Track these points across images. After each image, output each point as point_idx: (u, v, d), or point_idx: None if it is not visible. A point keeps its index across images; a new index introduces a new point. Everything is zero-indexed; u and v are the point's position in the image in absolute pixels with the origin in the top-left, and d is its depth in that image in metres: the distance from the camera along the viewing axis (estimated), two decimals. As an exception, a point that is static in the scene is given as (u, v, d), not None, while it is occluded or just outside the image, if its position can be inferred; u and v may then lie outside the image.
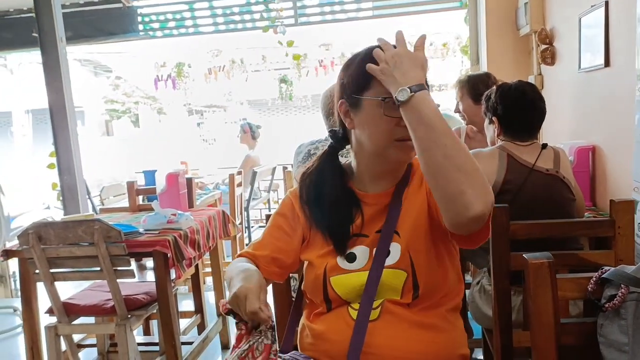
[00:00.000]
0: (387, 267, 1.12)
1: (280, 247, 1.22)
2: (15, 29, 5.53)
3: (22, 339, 3.31)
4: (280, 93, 7.25)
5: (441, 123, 1.00)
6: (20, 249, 2.18)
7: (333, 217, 1.19)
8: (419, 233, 1.14)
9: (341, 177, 1.23)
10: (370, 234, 1.16)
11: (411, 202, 1.17)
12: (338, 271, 1.15)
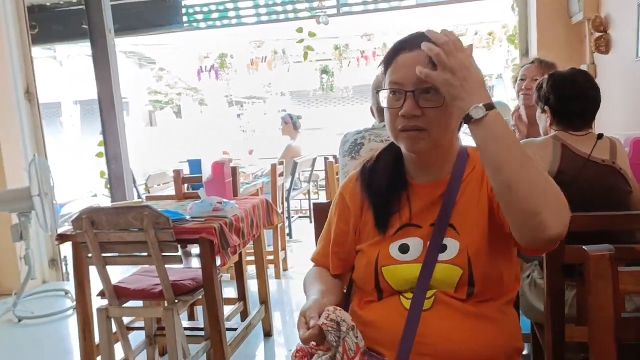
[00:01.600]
0: (443, 261, 1.10)
1: (339, 241, 1.26)
2: (65, 21, 5.70)
3: (73, 320, 3.44)
4: (321, 84, 7.25)
5: (515, 141, 0.98)
6: (74, 234, 2.25)
7: (380, 200, 1.19)
8: (478, 231, 1.11)
9: (397, 163, 1.21)
10: (424, 226, 1.14)
11: (470, 196, 1.14)
12: (390, 261, 1.14)
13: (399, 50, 1.11)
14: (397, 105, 1.08)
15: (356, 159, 1.87)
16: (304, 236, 5.77)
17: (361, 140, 1.91)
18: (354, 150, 1.91)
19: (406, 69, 1.07)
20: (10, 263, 3.92)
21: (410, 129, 1.07)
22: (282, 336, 3.03)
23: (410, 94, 1.06)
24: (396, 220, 1.17)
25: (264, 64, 6.83)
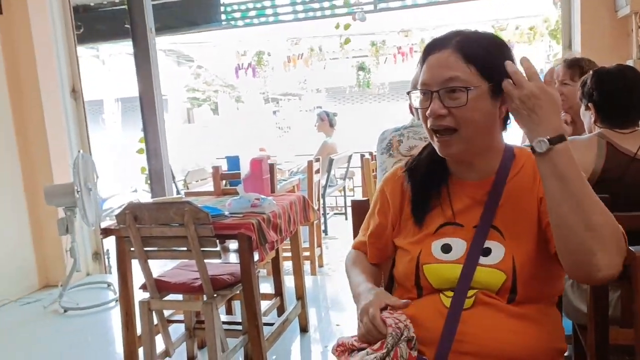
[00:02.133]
0: (487, 265, 1.08)
1: (376, 233, 1.28)
2: (108, 21, 5.85)
3: (115, 312, 3.56)
4: (357, 80, 7.23)
5: (578, 177, 0.96)
6: (118, 228, 2.33)
7: (419, 194, 1.20)
8: (525, 237, 1.09)
9: (441, 159, 1.19)
10: (467, 226, 1.13)
11: (518, 199, 1.12)
12: (431, 260, 1.13)
13: (430, 51, 1.11)
14: (424, 105, 1.09)
15: (394, 156, 1.87)
16: (339, 233, 5.78)
17: (399, 138, 1.90)
18: (391, 147, 1.90)
19: (433, 70, 1.08)
20: (57, 256, 4.07)
21: (438, 129, 1.08)
22: (318, 332, 3.05)
23: (436, 94, 1.06)
24: (437, 217, 1.16)
25: (300, 61, 6.86)
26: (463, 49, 1.06)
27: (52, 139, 4.01)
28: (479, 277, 1.08)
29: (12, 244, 3.91)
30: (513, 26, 6.65)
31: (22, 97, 3.95)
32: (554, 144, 0.95)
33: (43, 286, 4.10)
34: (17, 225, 3.96)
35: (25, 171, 3.99)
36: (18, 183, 3.96)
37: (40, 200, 3.78)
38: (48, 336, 3.28)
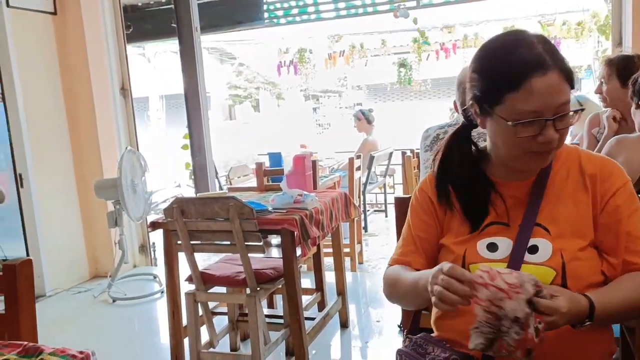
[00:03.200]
0: (535, 263, 1.08)
1: (424, 238, 1.23)
2: (155, 21, 6.01)
3: (161, 303, 3.68)
4: (399, 77, 7.19)
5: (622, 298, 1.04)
6: (165, 222, 2.40)
7: (468, 202, 1.17)
8: (573, 235, 1.09)
9: (472, 161, 1.19)
10: (512, 225, 1.13)
11: (563, 197, 1.12)
12: (478, 259, 1.12)
13: (530, 73, 1.00)
14: (532, 132, 1.02)
15: None
16: (379, 230, 5.78)
17: (443, 135, 1.89)
18: (435, 144, 1.90)
19: (545, 97, 1.00)
20: (106, 247, 4.22)
21: (544, 150, 1.05)
22: (358, 328, 3.07)
23: (551, 122, 1.02)
24: (483, 218, 1.16)
25: (341, 58, 6.88)
26: (563, 69, 1.02)
27: (102, 135, 4.17)
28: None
29: (65, 236, 4.08)
30: (560, 21, 6.48)
31: (74, 95, 4.11)
32: (591, 319, 0.99)
33: (93, 276, 4.26)
34: (70, 218, 4.13)
35: (77, 166, 4.16)
36: (70, 177, 4.13)
37: (90, 194, 3.94)
38: (98, 324, 3.42)
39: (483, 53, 1.10)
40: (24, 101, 3.74)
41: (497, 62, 1.05)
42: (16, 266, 1.29)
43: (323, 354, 2.80)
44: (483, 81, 1.07)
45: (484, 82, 1.07)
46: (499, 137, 1.09)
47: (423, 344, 1.13)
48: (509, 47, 1.04)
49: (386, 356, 2.72)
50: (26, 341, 1.21)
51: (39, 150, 3.85)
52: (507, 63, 1.03)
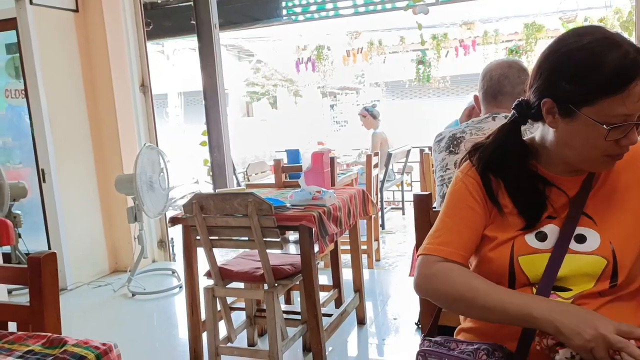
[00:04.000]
0: (585, 253, 1.06)
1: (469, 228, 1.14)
2: (174, 18, 6.06)
3: (179, 298, 3.71)
4: (417, 74, 7.14)
5: None
6: (185, 217, 2.42)
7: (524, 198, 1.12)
8: (620, 224, 1.08)
9: (525, 156, 1.15)
10: (560, 216, 1.11)
11: (613, 190, 1.11)
12: (527, 250, 1.09)
13: (633, 79, 0.97)
14: (620, 135, 1.01)
15: (457, 153, 1.84)
16: (396, 228, 5.77)
17: (461, 135, 1.85)
18: (452, 144, 1.86)
19: (638, 101, 0.99)
20: (126, 242, 4.28)
21: (620, 154, 1.04)
22: (375, 325, 3.06)
23: (634, 125, 1.01)
24: (540, 214, 1.12)
25: (359, 55, 6.86)
26: None
27: (123, 131, 4.21)
28: (577, 265, 1.06)
29: (86, 231, 4.14)
30: (582, 18, 6.38)
31: (95, 91, 4.16)
32: None
33: (113, 271, 4.32)
34: (90, 213, 4.19)
35: (97, 162, 4.22)
36: (91, 173, 4.19)
37: (111, 189, 3.99)
38: (118, 318, 3.47)
39: (565, 53, 1.04)
40: (46, 97, 3.80)
41: (591, 65, 1.00)
42: (41, 259, 1.31)
43: (340, 351, 2.81)
44: (570, 82, 1.02)
45: (571, 84, 1.02)
46: (578, 138, 1.05)
47: (445, 342, 1.11)
48: (601, 48, 1.00)
49: (403, 353, 2.71)
50: (50, 333, 1.24)
51: (61, 145, 3.91)
52: (605, 67, 0.99)
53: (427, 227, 1.60)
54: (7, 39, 4.35)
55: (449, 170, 1.83)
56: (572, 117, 1.03)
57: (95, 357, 1.09)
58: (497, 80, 1.87)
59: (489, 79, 1.89)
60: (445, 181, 1.84)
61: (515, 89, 1.85)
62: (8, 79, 4.52)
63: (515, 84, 1.85)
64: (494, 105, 1.88)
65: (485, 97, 1.91)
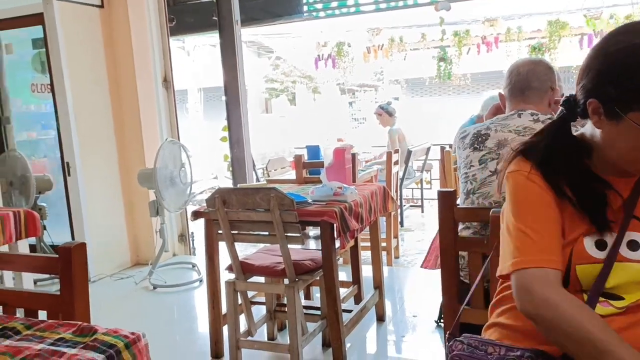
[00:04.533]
0: (636, 261, 1.02)
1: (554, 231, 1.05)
2: (196, 14, 6.09)
3: (199, 291, 3.75)
4: (438, 72, 7.09)
5: None
6: (207, 211, 2.45)
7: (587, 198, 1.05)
8: None
9: (579, 154, 1.10)
10: (616, 220, 1.05)
11: None
12: (587, 259, 1.03)
13: None
14: None
15: (481, 150, 1.81)
16: (414, 225, 5.75)
17: (486, 132, 1.83)
18: (477, 141, 1.84)
19: None
20: (147, 236, 4.33)
21: None
22: (394, 322, 3.06)
23: None
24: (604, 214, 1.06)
25: (380, 52, 6.83)
26: None
27: (145, 126, 4.26)
28: (628, 273, 1.01)
29: (109, 224, 4.20)
30: (607, 15, 6.27)
31: (119, 86, 4.22)
32: None
33: (134, 264, 4.38)
34: (113, 206, 4.25)
35: (120, 155, 4.27)
36: (114, 167, 4.25)
37: (133, 183, 4.05)
38: (140, 310, 3.52)
39: (613, 53, 0.99)
40: (72, 92, 3.86)
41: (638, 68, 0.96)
42: (71, 249, 1.34)
43: (359, 347, 2.82)
44: (616, 85, 0.98)
45: (617, 87, 0.98)
46: (623, 140, 1.00)
47: (480, 345, 1.06)
48: None
49: (423, 351, 2.71)
50: (80, 321, 1.27)
51: (85, 139, 3.97)
52: None
53: (450, 224, 1.61)
54: (33, 34, 4.43)
55: (473, 167, 1.82)
56: (618, 119, 0.99)
57: (124, 345, 1.11)
58: (525, 76, 1.87)
59: (517, 74, 1.88)
60: (469, 178, 1.83)
61: (542, 85, 1.85)
62: (34, 74, 4.60)
63: (542, 80, 1.85)
64: (521, 100, 1.87)
65: (512, 92, 1.90)
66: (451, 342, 1.10)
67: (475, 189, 1.80)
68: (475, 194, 1.80)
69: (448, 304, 1.62)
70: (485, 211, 1.51)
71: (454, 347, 1.08)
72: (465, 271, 1.77)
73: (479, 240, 1.66)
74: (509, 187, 1.10)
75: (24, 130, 4.76)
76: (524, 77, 1.87)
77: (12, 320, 1.22)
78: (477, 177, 1.80)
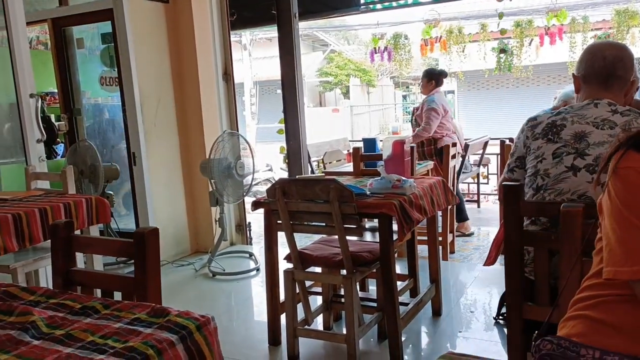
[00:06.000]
0: None
1: None
2: (255, 8, 6.18)
3: (255, 280, 3.84)
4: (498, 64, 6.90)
5: None
6: (267, 201, 2.50)
7: None
8: None
9: None
10: None
11: None
12: None
13: None
14: None
15: (556, 142, 1.70)
16: (470, 220, 5.65)
17: (561, 122, 1.72)
18: (551, 132, 1.72)
19: None
20: (207, 225, 4.46)
21: None
22: (450, 317, 3.03)
23: None
24: None
25: (438, 44, 6.72)
26: None
27: (206, 118, 4.38)
28: None
29: (171, 212, 4.35)
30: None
31: (182, 79, 4.35)
32: None
33: (194, 251, 4.53)
34: (175, 195, 4.40)
35: (182, 147, 4.42)
36: (176, 157, 4.40)
37: (194, 173, 4.17)
38: (200, 296, 3.64)
39: None
40: (138, 85, 4.01)
41: None
42: (145, 234, 1.41)
43: (414, 340, 2.81)
44: None
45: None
46: None
47: (570, 346, 1.03)
48: None
49: (480, 348, 2.67)
50: (153, 303, 1.33)
51: (150, 130, 4.13)
52: None
53: (516, 219, 1.57)
54: (102, 30, 4.63)
55: (546, 161, 1.72)
56: None
57: (195, 327, 1.16)
58: (611, 62, 1.71)
59: (602, 59, 1.72)
60: (540, 173, 1.72)
61: (626, 74, 1.72)
62: (103, 67, 4.82)
63: (628, 68, 1.71)
64: (603, 89, 1.74)
65: (592, 78, 1.75)
66: (539, 341, 1.06)
67: (547, 184, 1.70)
68: (547, 190, 1.70)
69: (512, 300, 1.59)
70: (554, 206, 1.47)
71: (542, 347, 1.05)
72: (530, 267, 1.71)
73: (546, 235, 1.58)
74: (621, 183, 1.02)
75: (93, 121, 4.99)
76: (610, 63, 1.71)
77: (91, 300, 1.30)
78: (549, 173, 1.70)
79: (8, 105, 3.70)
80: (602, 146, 1.63)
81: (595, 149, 1.64)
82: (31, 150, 3.42)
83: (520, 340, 1.59)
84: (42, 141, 3.47)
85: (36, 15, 4.73)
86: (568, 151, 1.68)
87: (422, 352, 2.72)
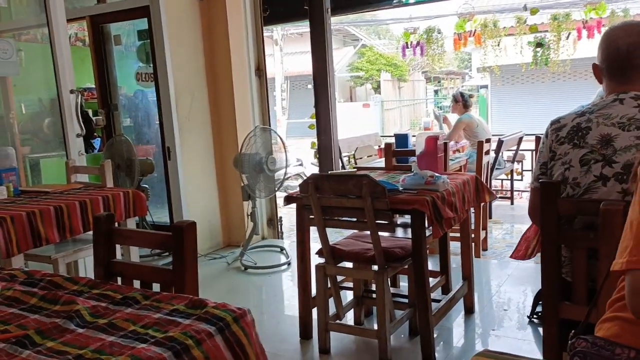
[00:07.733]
0: None
1: None
2: (287, 3, 6.19)
3: (286, 274, 3.87)
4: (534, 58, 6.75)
5: None
6: (300, 196, 2.52)
7: None
8: None
9: None
10: None
11: None
12: None
13: None
14: None
15: (582, 147, 1.59)
16: (503, 217, 5.57)
17: (587, 124, 1.60)
18: (577, 136, 1.61)
19: None
20: (239, 219, 4.52)
21: None
22: (482, 315, 3.01)
23: None
24: None
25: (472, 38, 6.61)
26: None
27: (239, 113, 4.43)
28: None
29: (204, 206, 4.43)
30: None
31: (216, 75, 4.41)
32: None
33: (226, 245, 4.59)
34: (208, 189, 4.47)
35: (215, 142, 4.48)
36: (210, 152, 4.46)
37: (227, 168, 4.22)
38: (232, 289, 3.69)
39: None
40: (173, 81, 4.08)
41: None
42: (184, 227, 1.44)
43: (446, 337, 2.80)
44: None
45: None
46: None
47: (605, 345, 1.01)
48: None
49: (514, 346, 2.64)
50: (190, 295, 1.36)
51: (184, 125, 4.20)
52: None
53: (553, 217, 1.55)
54: (139, 26, 4.72)
55: (573, 169, 1.60)
56: None
57: (232, 319, 1.18)
58: (625, 51, 1.55)
59: (616, 50, 1.57)
60: (570, 182, 1.61)
61: None
62: (139, 63, 4.91)
63: None
64: (621, 82, 1.60)
65: (610, 71, 1.62)
66: (574, 339, 1.05)
67: (577, 195, 1.59)
68: None
69: (549, 298, 1.57)
70: (593, 204, 1.44)
71: (577, 344, 1.04)
72: (566, 268, 1.65)
73: (584, 234, 1.53)
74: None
75: (129, 116, 5.11)
76: (624, 52, 1.56)
77: (131, 291, 1.33)
78: (579, 182, 1.59)
79: (49, 101, 3.82)
80: (629, 151, 1.52)
81: (622, 155, 1.53)
82: (71, 145, 3.52)
83: (556, 339, 1.57)
84: (81, 136, 3.57)
85: (75, 12, 4.85)
86: (596, 158, 1.57)
87: (454, 349, 2.70)
